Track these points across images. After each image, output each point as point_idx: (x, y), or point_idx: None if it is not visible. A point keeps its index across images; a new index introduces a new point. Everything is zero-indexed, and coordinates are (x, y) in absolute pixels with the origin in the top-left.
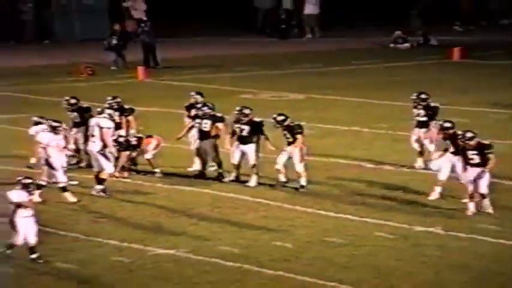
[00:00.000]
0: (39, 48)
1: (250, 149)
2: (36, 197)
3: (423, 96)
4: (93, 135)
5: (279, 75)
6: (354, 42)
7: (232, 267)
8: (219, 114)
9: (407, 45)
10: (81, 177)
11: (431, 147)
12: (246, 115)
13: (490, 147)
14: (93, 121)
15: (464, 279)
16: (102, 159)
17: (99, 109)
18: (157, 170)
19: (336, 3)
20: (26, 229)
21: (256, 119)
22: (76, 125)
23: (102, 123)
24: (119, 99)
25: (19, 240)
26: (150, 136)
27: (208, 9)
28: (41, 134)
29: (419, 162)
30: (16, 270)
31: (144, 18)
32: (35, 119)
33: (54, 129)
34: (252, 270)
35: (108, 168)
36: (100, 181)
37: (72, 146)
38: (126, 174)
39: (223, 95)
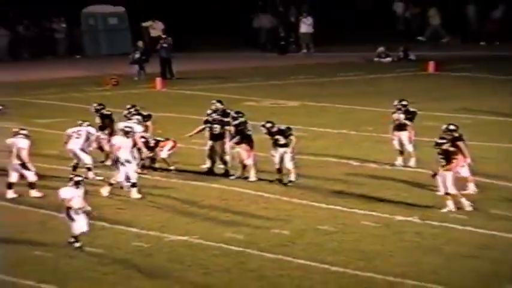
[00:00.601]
0: (70, 62)
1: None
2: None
3: (404, 102)
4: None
5: (278, 85)
6: (342, 57)
7: (237, 251)
8: (226, 119)
9: (389, 59)
10: (106, 173)
11: (410, 147)
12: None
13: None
14: (122, 125)
15: (438, 260)
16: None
17: (127, 114)
18: (172, 167)
19: (328, 24)
20: (79, 220)
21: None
22: (100, 128)
23: (133, 128)
24: (137, 107)
25: (79, 230)
26: (167, 139)
27: (217, 29)
28: (116, 138)
29: (399, 161)
30: (52, 254)
31: (163, 36)
32: (121, 126)
33: (126, 134)
34: (254, 254)
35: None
36: (127, 178)
37: (94, 146)
38: (145, 171)
39: (230, 102)
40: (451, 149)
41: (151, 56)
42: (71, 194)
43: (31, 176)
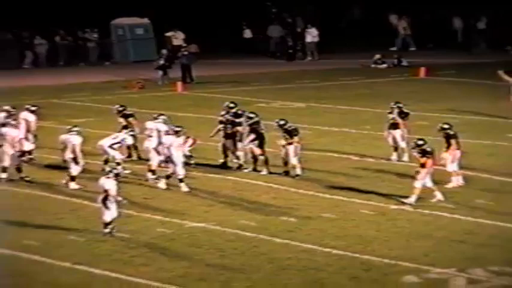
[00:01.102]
0: (101, 68)
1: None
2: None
3: (399, 105)
4: (150, 136)
5: (286, 88)
6: (343, 63)
7: (250, 237)
8: (237, 120)
9: (385, 65)
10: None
11: (403, 143)
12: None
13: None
14: (151, 124)
15: (428, 244)
16: (155, 153)
17: (155, 115)
18: (192, 161)
19: (330, 34)
20: (112, 209)
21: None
22: (124, 127)
23: (159, 127)
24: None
25: (111, 217)
26: (187, 136)
27: (233, 39)
28: (165, 137)
29: (394, 156)
30: (85, 239)
31: (184, 45)
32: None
33: (176, 133)
34: (265, 239)
35: (153, 161)
36: (153, 172)
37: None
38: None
39: (243, 104)
40: (428, 149)
41: (174, 63)
42: (110, 185)
43: (75, 171)
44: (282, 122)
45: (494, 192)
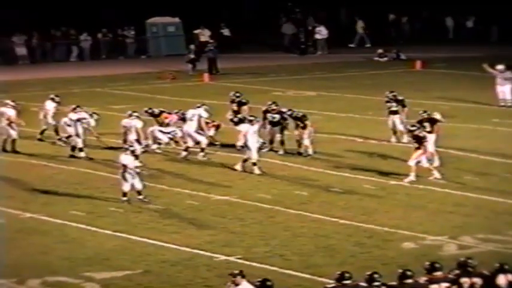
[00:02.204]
0: (138, 61)
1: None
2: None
3: (394, 93)
4: (191, 120)
5: (299, 79)
6: (349, 57)
7: (268, 208)
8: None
9: (386, 59)
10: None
11: (401, 127)
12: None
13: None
14: (193, 111)
15: (423, 215)
16: (197, 136)
17: (198, 104)
18: (217, 142)
19: (337, 32)
20: (133, 180)
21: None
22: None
23: (202, 113)
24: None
25: (127, 187)
26: (213, 121)
27: (251, 36)
28: (242, 125)
29: (393, 138)
30: (123, 210)
31: (211, 41)
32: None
33: (250, 122)
34: (280, 210)
35: (203, 140)
36: (202, 149)
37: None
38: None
39: (262, 92)
40: (421, 134)
41: (201, 56)
42: (128, 160)
43: (139, 150)
44: (289, 112)
45: (480, 170)
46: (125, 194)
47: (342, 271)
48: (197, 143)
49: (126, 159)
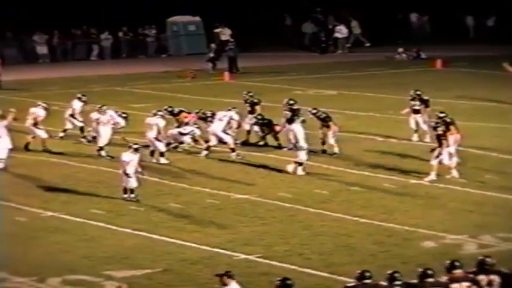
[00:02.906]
0: (158, 60)
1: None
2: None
3: (418, 92)
4: (221, 120)
5: (319, 78)
6: (369, 56)
7: (288, 207)
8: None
9: (405, 57)
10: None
11: (424, 126)
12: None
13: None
14: (224, 113)
15: (443, 214)
16: (223, 136)
17: (229, 108)
18: (238, 141)
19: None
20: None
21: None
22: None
23: (234, 116)
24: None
25: (135, 184)
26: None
27: (273, 35)
28: (295, 125)
29: (415, 137)
30: (144, 208)
31: (230, 40)
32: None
33: (303, 122)
34: (300, 208)
35: (230, 141)
36: (232, 150)
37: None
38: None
39: (282, 91)
40: (441, 132)
41: (221, 55)
42: (130, 158)
43: (162, 147)
44: (314, 111)
45: (500, 169)
46: (132, 191)
47: (362, 270)
48: (223, 143)
49: (127, 156)
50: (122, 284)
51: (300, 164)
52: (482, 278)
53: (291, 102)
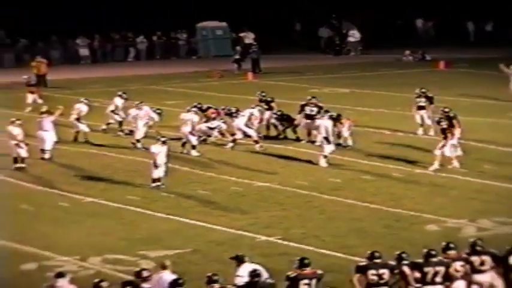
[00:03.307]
0: (189, 61)
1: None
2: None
3: (423, 90)
4: (243, 115)
5: (334, 77)
6: (379, 58)
7: (305, 194)
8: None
9: (412, 59)
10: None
11: (429, 121)
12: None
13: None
14: (250, 110)
15: (445, 201)
16: (246, 129)
17: (253, 105)
18: (260, 134)
19: (370, 34)
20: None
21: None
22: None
23: (254, 112)
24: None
25: (158, 174)
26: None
27: (291, 39)
28: (323, 120)
29: (420, 131)
30: (174, 195)
31: (254, 43)
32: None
33: (331, 117)
34: (316, 195)
35: (253, 133)
36: (256, 142)
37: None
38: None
39: (300, 89)
40: (445, 126)
41: (246, 57)
42: (159, 150)
43: (194, 141)
44: (329, 113)
45: (499, 160)
46: (154, 180)
47: (372, 251)
48: (248, 136)
49: (156, 148)
50: (165, 261)
51: (325, 156)
52: (475, 259)
53: (315, 100)
